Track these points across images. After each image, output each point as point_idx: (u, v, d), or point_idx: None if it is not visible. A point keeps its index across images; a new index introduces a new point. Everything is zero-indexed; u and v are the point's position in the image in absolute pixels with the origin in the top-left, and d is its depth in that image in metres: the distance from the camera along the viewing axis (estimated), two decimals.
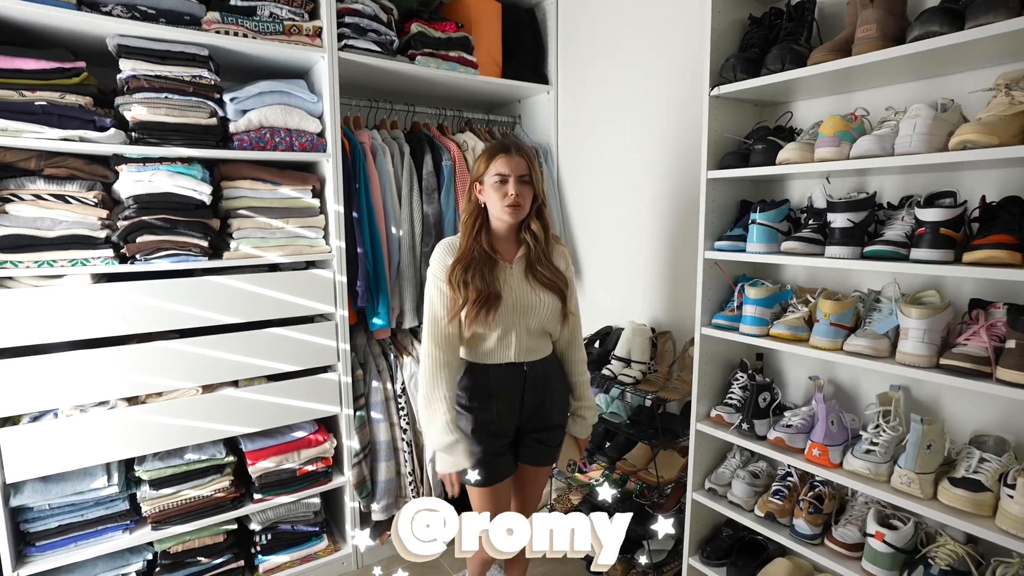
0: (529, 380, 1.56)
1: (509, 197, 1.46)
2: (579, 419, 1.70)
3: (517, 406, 1.57)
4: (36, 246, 1.64)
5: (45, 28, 1.68)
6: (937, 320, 1.39)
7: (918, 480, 1.40)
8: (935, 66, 1.44)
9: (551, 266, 1.55)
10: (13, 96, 1.59)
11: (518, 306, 1.51)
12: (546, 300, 1.53)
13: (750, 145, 1.70)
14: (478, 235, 1.52)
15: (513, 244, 1.57)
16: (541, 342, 1.59)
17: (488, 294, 1.46)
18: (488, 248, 1.52)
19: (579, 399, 1.69)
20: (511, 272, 1.53)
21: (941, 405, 1.57)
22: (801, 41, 1.60)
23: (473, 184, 1.54)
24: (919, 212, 1.39)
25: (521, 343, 1.53)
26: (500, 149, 1.50)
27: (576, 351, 1.68)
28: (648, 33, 2.20)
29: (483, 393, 1.55)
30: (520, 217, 1.51)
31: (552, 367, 1.62)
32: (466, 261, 1.49)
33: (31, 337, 1.63)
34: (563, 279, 1.56)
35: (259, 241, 1.93)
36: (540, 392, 1.58)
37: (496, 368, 1.54)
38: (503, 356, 1.53)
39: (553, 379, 1.62)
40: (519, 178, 1.47)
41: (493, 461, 1.56)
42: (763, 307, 1.70)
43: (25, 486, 1.68)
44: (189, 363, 1.84)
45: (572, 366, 1.68)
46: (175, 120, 1.76)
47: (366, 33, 2.08)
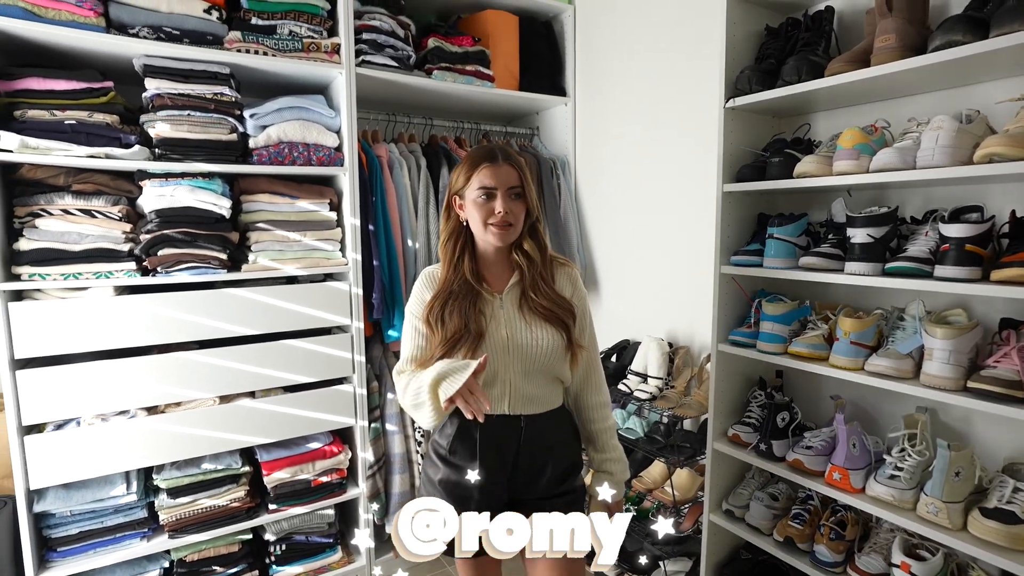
0: (526, 438, 1.26)
1: (497, 216, 1.21)
2: (605, 475, 1.36)
3: (507, 472, 1.27)
4: (63, 259, 1.68)
5: (76, 50, 1.74)
6: (964, 340, 1.33)
7: (946, 509, 1.33)
8: (958, 76, 1.39)
9: (551, 292, 1.27)
10: (45, 116, 1.65)
11: (509, 346, 1.23)
12: (545, 336, 1.24)
13: (767, 158, 1.67)
14: (459, 261, 1.27)
15: (504, 269, 1.31)
16: (545, 390, 1.29)
17: (465, 333, 1.21)
18: (472, 277, 1.26)
19: (602, 450, 1.37)
20: (500, 305, 1.26)
21: (971, 430, 1.49)
22: (819, 51, 1.56)
23: (451, 199, 1.28)
24: (943, 227, 1.34)
25: (516, 391, 1.25)
26: (484, 156, 1.23)
27: (593, 392, 1.37)
28: (663, 44, 2.18)
29: (466, 448, 1.26)
30: (511, 239, 1.25)
31: (560, 423, 1.32)
32: (445, 295, 1.25)
33: (56, 347, 1.67)
34: (567, 307, 1.27)
35: (277, 254, 1.96)
36: (540, 457, 1.27)
37: (486, 420, 1.17)
38: (496, 407, 1.24)
39: (560, 438, 1.32)
40: (509, 191, 1.22)
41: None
42: (781, 324, 1.66)
43: (48, 492, 1.72)
44: (207, 374, 1.86)
45: (590, 412, 1.37)
46: (197, 136, 1.80)
47: (383, 49, 2.10)
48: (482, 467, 1.24)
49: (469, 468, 1.23)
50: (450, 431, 1.28)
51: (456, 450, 1.27)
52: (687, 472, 2.00)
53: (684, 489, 1.98)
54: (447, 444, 1.28)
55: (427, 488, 1.32)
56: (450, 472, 1.27)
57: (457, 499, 1.24)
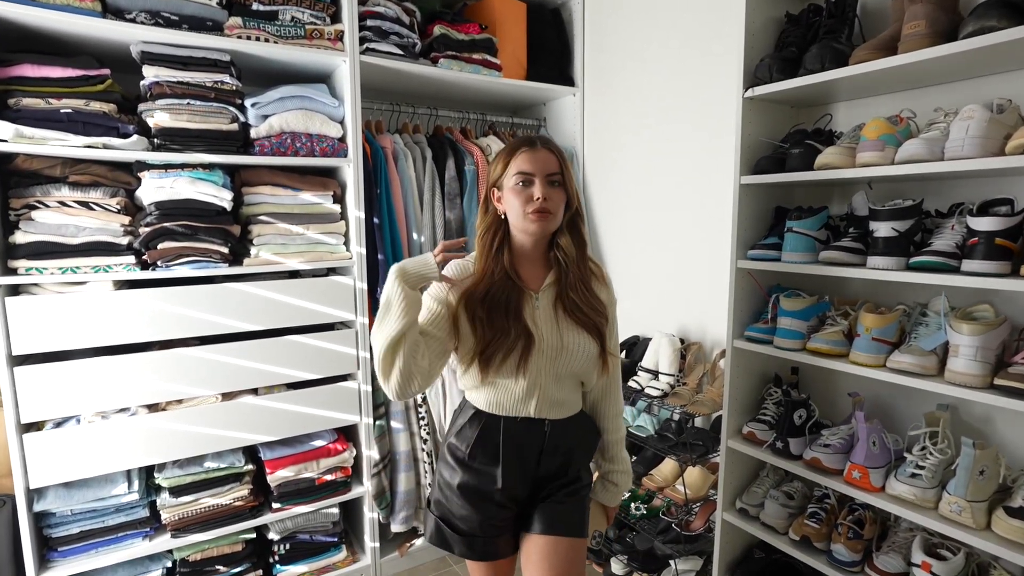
0: (549, 443, 1.23)
1: (536, 202, 1.15)
2: (611, 486, 1.37)
3: (529, 473, 1.23)
4: (60, 253, 1.64)
5: (71, 36, 1.69)
6: (991, 337, 1.30)
7: (969, 508, 1.31)
8: (990, 64, 1.34)
9: (588, 295, 1.22)
10: (40, 104, 1.60)
11: (545, 348, 1.19)
12: (580, 342, 1.21)
13: (786, 149, 1.62)
14: (498, 254, 1.21)
15: (541, 267, 1.25)
16: (570, 395, 1.26)
17: (519, 333, 1.16)
18: (512, 271, 1.21)
19: (611, 461, 1.36)
20: (537, 304, 1.21)
21: (995, 428, 1.46)
22: (842, 39, 1.52)
23: (490, 191, 1.24)
24: (971, 221, 1.30)
25: (545, 395, 1.21)
26: (522, 143, 1.20)
27: (612, 403, 1.35)
28: (678, 32, 2.13)
29: (488, 451, 1.22)
30: (550, 228, 1.20)
31: (581, 429, 1.30)
32: (484, 288, 1.18)
33: (55, 343, 1.64)
34: (603, 312, 1.23)
35: (279, 247, 1.92)
36: (561, 459, 1.25)
37: (510, 423, 1.21)
38: (521, 409, 1.21)
39: (580, 444, 1.30)
40: (547, 177, 1.17)
41: (487, 537, 1.24)
42: (799, 319, 1.62)
43: (48, 491, 1.69)
44: (209, 370, 1.83)
45: (606, 421, 1.34)
46: (197, 126, 1.76)
47: (388, 36, 2.05)
48: (504, 470, 1.21)
49: (491, 472, 1.21)
50: (470, 434, 1.23)
51: (476, 454, 1.23)
52: (699, 470, 1.97)
53: (696, 487, 1.94)
54: (467, 448, 1.23)
55: (444, 492, 1.27)
56: (469, 476, 1.23)
57: (476, 503, 1.23)
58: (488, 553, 1.26)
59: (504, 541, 1.27)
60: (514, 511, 1.27)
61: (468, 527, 1.24)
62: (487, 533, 1.24)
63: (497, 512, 1.24)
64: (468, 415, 1.25)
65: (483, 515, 1.23)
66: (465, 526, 1.24)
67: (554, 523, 1.23)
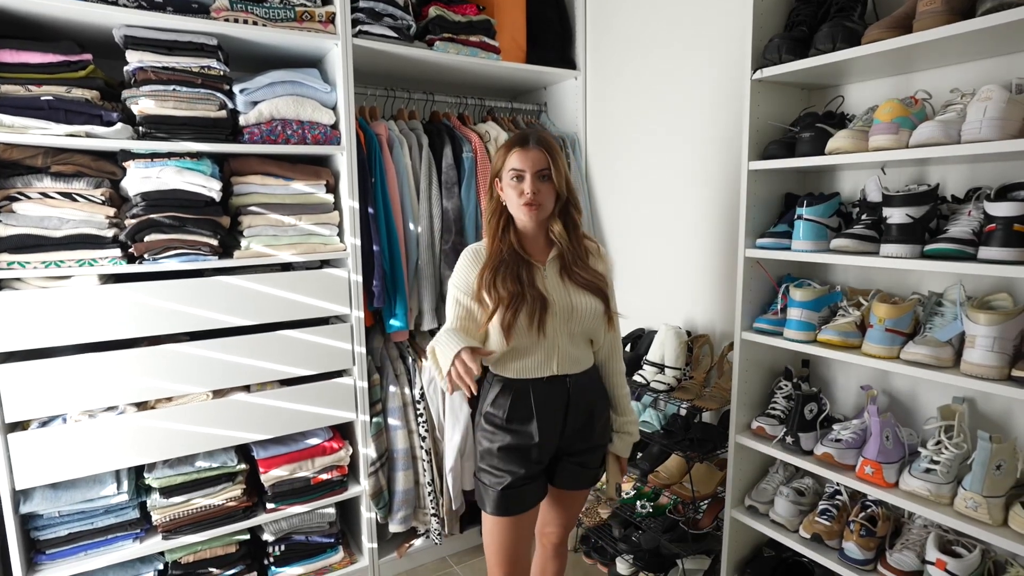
0: (573, 396, 1.43)
1: (525, 196, 1.35)
2: (625, 436, 1.55)
3: (560, 426, 1.44)
4: (43, 246, 1.60)
5: (51, 19, 1.63)
6: (1009, 327, 1.26)
7: (986, 504, 1.28)
8: (1010, 42, 1.29)
9: (587, 268, 1.43)
10: (19, 91, 1.55)
11: (559, 310, 1.39)
12: (588, 302, 1.41)
13: (796, 133, 1.57)
14: (504, 234, 1.41)
15: (544, 244, 1.46)
16: (583, 351, 1.47)
17: (535, 297, 1.35)
18: (519, 248, 1.40)
19: (622, 413, 1.55)
20: (545, 274, 1.41)
21: (1012, 421, 1.43)
22: (855, 17, 1.47)
23: (494, 180, 1.44)
24: (989, 206, 1.26)
25: (564, 353, 1.41)
26: (516, 142, 1.38)
27: (617, 361, 1.55)
28: (684, 12, 2.07)
29: (523, 413, 1.41)
30: (539, 218, 1.39)
31: (595, 381, 1.51)
32: (495, 263, 1.38)
33: (39, 340, 1.59)
34: (603, 279, 1.44)
35: (271, 239, 1.86)
36: (585, 409, 1.46)
37: (537, 383, 1.41)
38: (545, 369, 1.41)
39: (598, 395, 1.50)
40: (537, 174, 1.35)
41: (524, 486, 1.43)
42: (810, 310, 1.57)
43: (35, 493, 1.65)
44: (199, 367, 1.78)
45: (614, 377, 1.54)
46: (183, 113, 1.70)
47: (382, 18, 1.99)
48: (540, 425, 1.41)
49: (528, 430, 1.41)
50: (504, 401, 1.42)
51: (513, 417, 1.41)
52: (706, 466, 1.93)
53: (703, 484, 1.91)
54: (503, 413, 1.41)
55: (487, 458, 1.44)
56: (510, 437, 1.41)
57: (517, 460, 1.42)
58: (533, 500, 1.46)
59: (535, 488, 1.46)
60: (545, 464, 1.47)
61: (520, 482, 1.42)
62: (530, 483, 1.43)
63: (534, 467, 1.44)
64: (499, 387, 1.43)
65: (528, 469, 1.42)
66: (518, 481, 1.41)
67: (577, 481, 1.51)
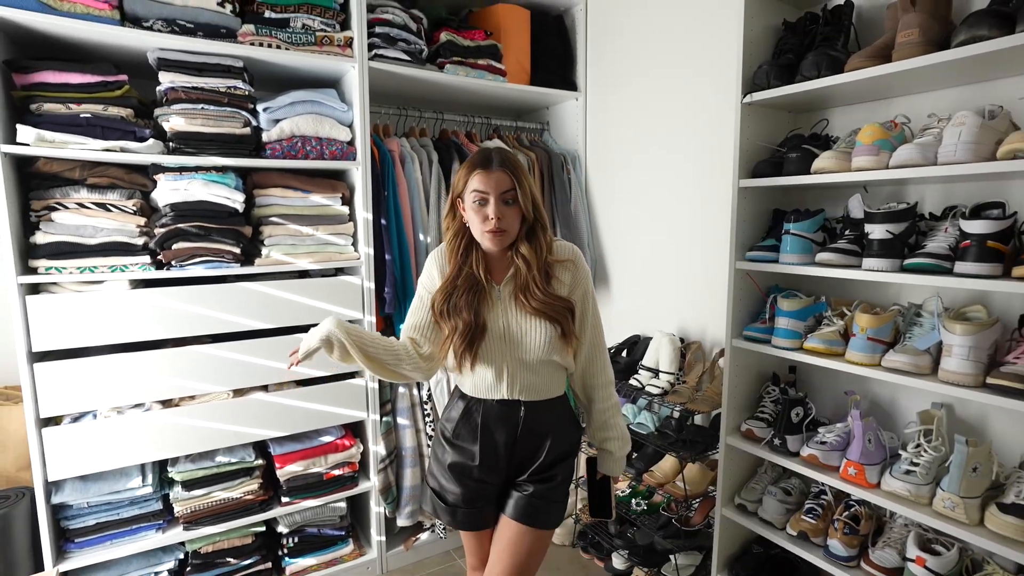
0: (526, 422, 1.32)
1: (489, 223, 1.23)
2: (605, 454, 1.42)
3: (505, 451, 1.33)
4: (78, 253, 1.69)
5: (91, 43, 1.74)
6: (983, 337, 1.33)
7: (963, 504, 1.34)
8: (982, 71, 1.38)
9: (542, 295, 1.27)
10: (60, 109, 1.65)
11: (506, 336, 1.29)
12: (539, 328, 1.28)
13: (784, 153, 1.65)
14: (463, 257, 1.31)
15: (506, 263, 1.33)
16: (546, 379, 1.33)
17: (472, 326, 1.26)
18: (477, 268, 1.30)
19: (602, 428, 1.41)
20: (498, 296, 1.31)
21: (988, 426, 1.49)
22: (838, 46, 1.55)
23: (455, 200, 1.31)
24: (964, 224, 1.33)
25: (515, 378, 1.30)
26: (478, 163, 1.26)
27: (598, 372, 1.40)
28: (679, 39, 2.17)
29: (469, 430, 1.33)
30: (503, 245, 1.28)
31: (558, 415, 1.37)
32: (449, 286, 1.30)
33: (72, 340, 1.68)
34: (562, 305, 1.29)
35: (290, 248, 1.96)
36: (537, 439, 1.33)
37: (488, 405, 1.32)
38: (495, 391, 1.31)
39: (560, 425, 1.36)
40: (501, 196, 1.23)
41: (467, 508, 1.35)
42: (797, 320, 1.65)
43: (65, 484, 1.73)
44: (221, 367, 1.87)
45: (595, 392, 1.40)
46: (211, 130, 1.80)
47: (396, 43, 2.09)
48: (482, 447, 1.32)
49: (471, 449, 1.33)
50: (455, 415, 1.36)
51: (460, 433, 1.35)
52: (698, 467, 2.00)
53: (695, 484, 1.98)
54: (452, 427, 1.36)
55: (436, 467, 1.40)
56: (454, 453, 1.35)
57: (460, 478, 1.35)
58: (470, 523, 1.38)
59: (486, 514, 1.39)
60: (494, 487, 1.37)
61: (453, 499, 1.36)
62: (469, 505, 1.36)
63: (477, 487, 1.36)
64: (456, 399, 1.39)
65: (465, 489, 1.35)
66: (451, 498, 1.37)
67: (523, 512, 1.34)
